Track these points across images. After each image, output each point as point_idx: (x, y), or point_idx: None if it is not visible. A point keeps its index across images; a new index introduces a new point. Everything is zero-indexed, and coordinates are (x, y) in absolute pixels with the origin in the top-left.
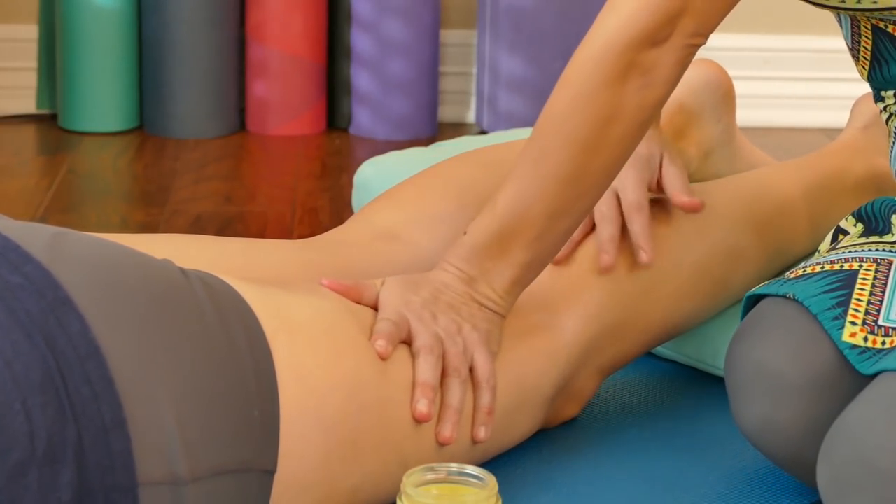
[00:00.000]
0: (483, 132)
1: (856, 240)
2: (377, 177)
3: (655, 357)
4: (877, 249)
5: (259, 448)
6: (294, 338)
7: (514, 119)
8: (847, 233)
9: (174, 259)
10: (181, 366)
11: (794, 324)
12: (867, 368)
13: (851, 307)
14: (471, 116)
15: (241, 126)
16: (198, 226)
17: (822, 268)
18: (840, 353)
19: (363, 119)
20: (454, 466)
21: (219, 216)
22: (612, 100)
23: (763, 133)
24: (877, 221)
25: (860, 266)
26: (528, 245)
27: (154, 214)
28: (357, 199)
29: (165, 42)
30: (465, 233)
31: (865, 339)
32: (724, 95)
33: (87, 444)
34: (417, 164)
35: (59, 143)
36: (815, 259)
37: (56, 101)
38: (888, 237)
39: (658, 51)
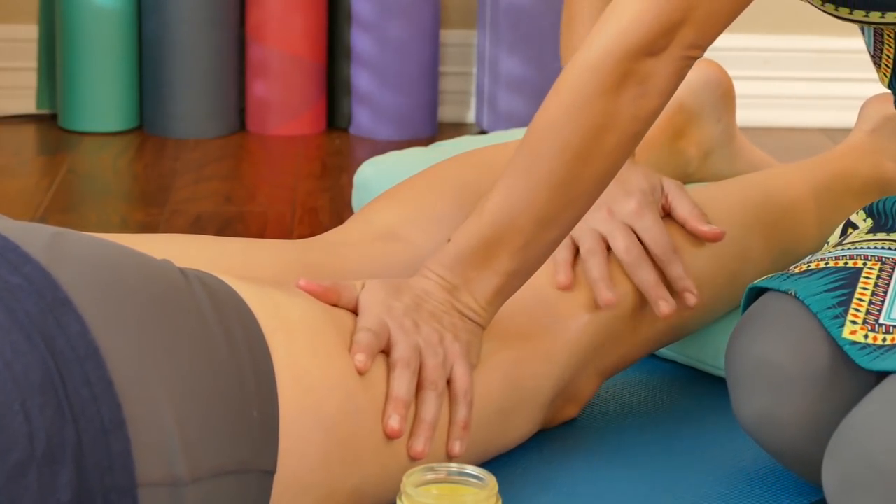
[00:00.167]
0: (483, 132)
1: (863, 235)
2: (377, 177)
3: (656, 357)
4: (883, 247)
5: (258, 448)
6: (292, 337)
7: (514, 119)
8: (856, 227)
9: (174, 259)
10: (180, 366)
11: (795, 320)
12: (868, 363)
13: (852, 307)
14: (471, 116)
15: (241, 126)
16: (198, 226)
17: (827, 264)
18: (840, 348)
19: (363, 119)
20: (454, 466)
21: (219, 216)
22: (608, 109)
23: (763, 133)
24: (886, 218)
25: (864, 264)
26: (514, 254)
27: (154, 214)
28: (357, 199)
29: (165, 42)
30: (449, 240)
31: (866, 337)
32: (724, 95)
33: (87, 445)
34: (417, 164)
35: (59, 143)
36: (821, 254)
37: (56, 101)
38: (895, 235)
39: (655, 61)
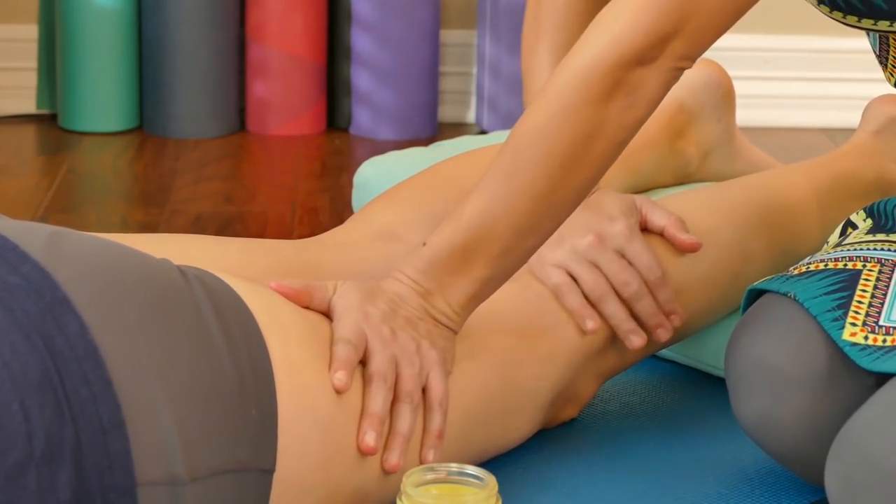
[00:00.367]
0: (483, 132)
1: (862, 236)
2: (377, 177)
3: (656, 357)
4: (882, 249)
5: (257, 447)
6: (286, 336)
7: (514, 119)
8: (856, 226)
9: (173, 259)
10: (179, 366)
11: (795, 321)
12: (868, 363)
13: (852, 309)
14: (471, 116)
15: (241, 126)
16: (198, 226)
17: (826, 265)
18: (840, 350)
19: (363, 119)
20: (454, 466)
21: (219, 216)
22: (596, 118)
23: (763, 133)
24: (886, 219)
25: (864, 266)
26: (491, 261)
27: (154, 214)
28: (357, 199)
29: (165, 42)
30: (425, 244)
31: (866, 338)
32: (724, 95)
33: (86, 445)
34: (417, 164)
35: (59, 143)
36: (821, 255)
37: (56, 101)
38: (895, 236)
39: (645, 71)
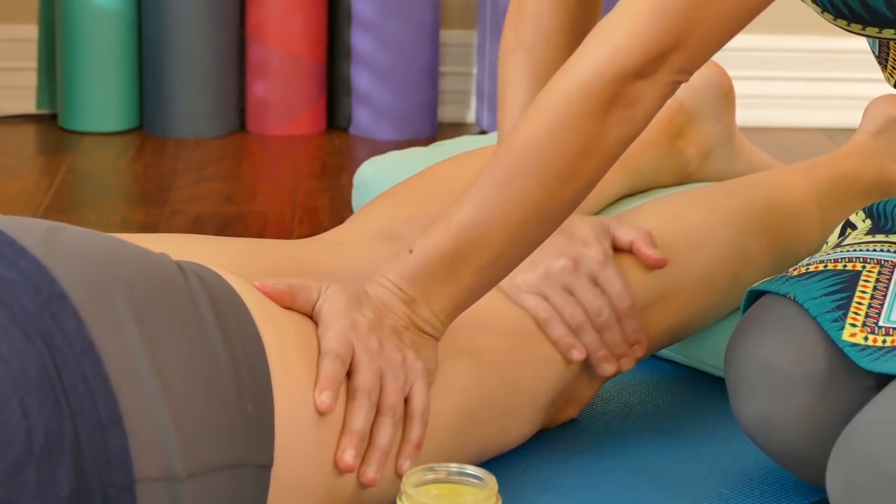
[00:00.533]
0: (483, 132)
1: (862, 237)
2: (377, 177)
3: (656, 357)
4: (881, 249)
5: (254, 442)
6: (282, 331)
7: None
8: (855, 227)
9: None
10: (176, 362)
11: (795, 322)
12: (868, 364)
13: (852, 310)
14: (471, 116)
15: (241, 126)
16: (198, 226)
17: (826, 266)
18: (840, 350)
19: (363, 119)
20: (454, 466)
21: (219, 216)
22: (593, 130)
23: (763, 133)
24: (886, 219)
25: (863, 267)
26: (479, 270)
27: (154, 214)
28: (357, 199)
29: (165, 42)
30: (411, 251)
31: (865, 339)
32: (724, 95)
33: (84, 441)
34: (417, 164)
35: (59, 143)
36: (820, 255)
37: (56, 101)
38: (894, 237)
39: (643, 84)
